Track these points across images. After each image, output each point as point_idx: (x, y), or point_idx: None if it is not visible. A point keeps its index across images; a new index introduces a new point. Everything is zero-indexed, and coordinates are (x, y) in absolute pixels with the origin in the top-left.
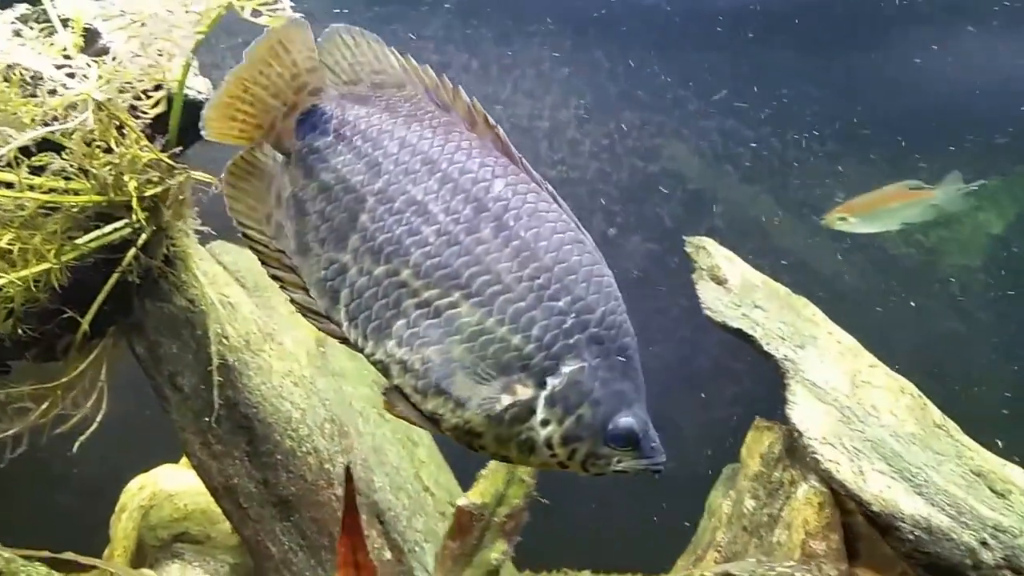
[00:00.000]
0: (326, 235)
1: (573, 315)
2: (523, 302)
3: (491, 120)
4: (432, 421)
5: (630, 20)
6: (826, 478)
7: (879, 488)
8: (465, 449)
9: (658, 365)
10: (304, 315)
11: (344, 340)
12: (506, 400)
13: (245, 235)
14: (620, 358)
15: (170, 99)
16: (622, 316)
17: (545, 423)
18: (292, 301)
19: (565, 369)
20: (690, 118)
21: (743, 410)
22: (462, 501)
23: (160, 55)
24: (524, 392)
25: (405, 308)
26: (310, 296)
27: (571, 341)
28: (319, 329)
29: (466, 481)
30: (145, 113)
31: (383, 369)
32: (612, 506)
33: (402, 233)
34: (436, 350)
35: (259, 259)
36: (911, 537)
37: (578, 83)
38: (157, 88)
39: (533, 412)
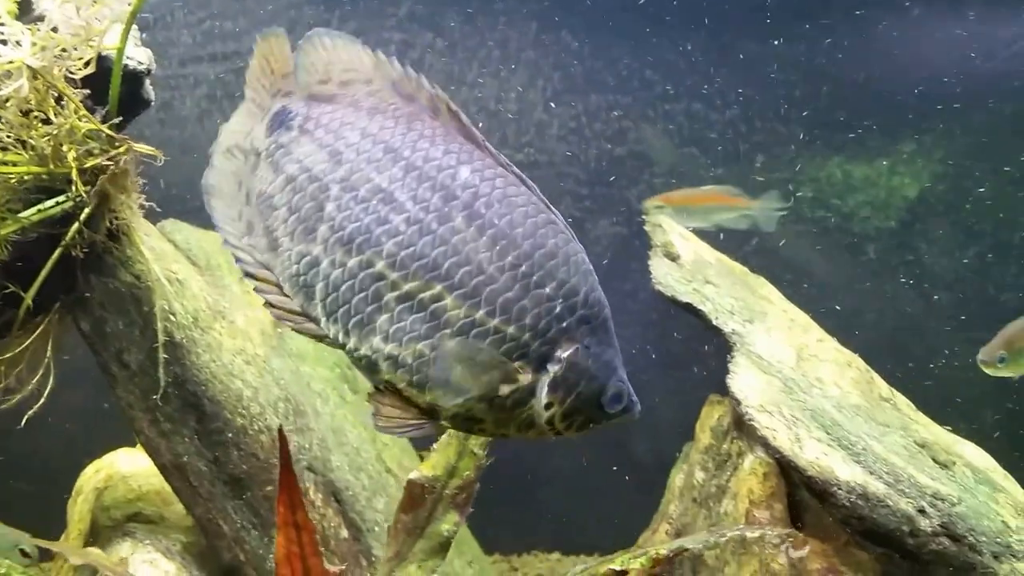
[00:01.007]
0: (294, 227)
1: (561, 300)
2: (510, 292)
3: (453, 106)
4: (429, 412)
5: (597, 0)
6: (763, 445)
7: (815, 455)
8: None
9: (628, 347)
10: (280, 318)
11: (323, 338)
12: (507, 388)
13: (218, 229)
14: (603, 330)
15: (109, 69)
16: (599, 290)
17: (548, 405)
18: (267, 304)
19: (562, 354)
20: (658, 100)
21: (712, 391)
22: (413, 474)
23: (97, 20)
24: (524, 378)
25: (386, 302)
26: (285, 295)
27: (564, 325)
28: (295, 330)
29: None
30: (73, 74)
31: (370, 364)
32: (582, 489)
33: (371, 222)
34: (428, 344)
35: (233, 256)
36: (847, 503)
37: (545, 65)
38: (77, 50)
39: (533, 394)
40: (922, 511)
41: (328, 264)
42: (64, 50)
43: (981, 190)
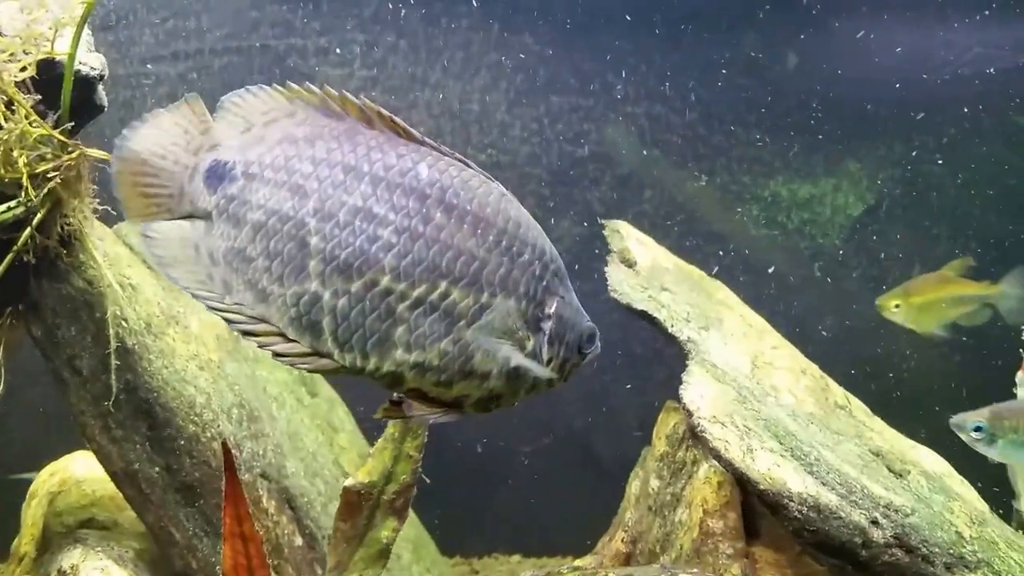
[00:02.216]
0: (280, 271)
1: (537, 261)
2: (501, 268)
3: (384, 112)
4: (454, 405)
5: (559, 4)
6: (715, 456)
7: (767, 466)
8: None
9: None
10: (294, 365)
11: (339, 370)
12: (518, 358)
13: (196, 297)
14: (566, 276)
15: (61, 74)
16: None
17: (548, 361)
18: (276, 355)
19: (550, 310)
20: (619, 103)
21: (675, 394)
22: (348, 481)
23: (42, 23)
24: (529, 343)
25: (400, 313)
26: (291, 340)
27: (545, 284)
28: (310, 371)
29: None
30: (16, 77)
31: (394, 378)
32: (543, 491)
33: (363, 243)
34: (450, 340)
35: (225, 320)
36: (798, 515)
37: (508, 67)
38: (29, 54)
39: (535, 355)
40: (875, 522)
41: (330, 296)
42: (12, 54)
43: (933, 194)
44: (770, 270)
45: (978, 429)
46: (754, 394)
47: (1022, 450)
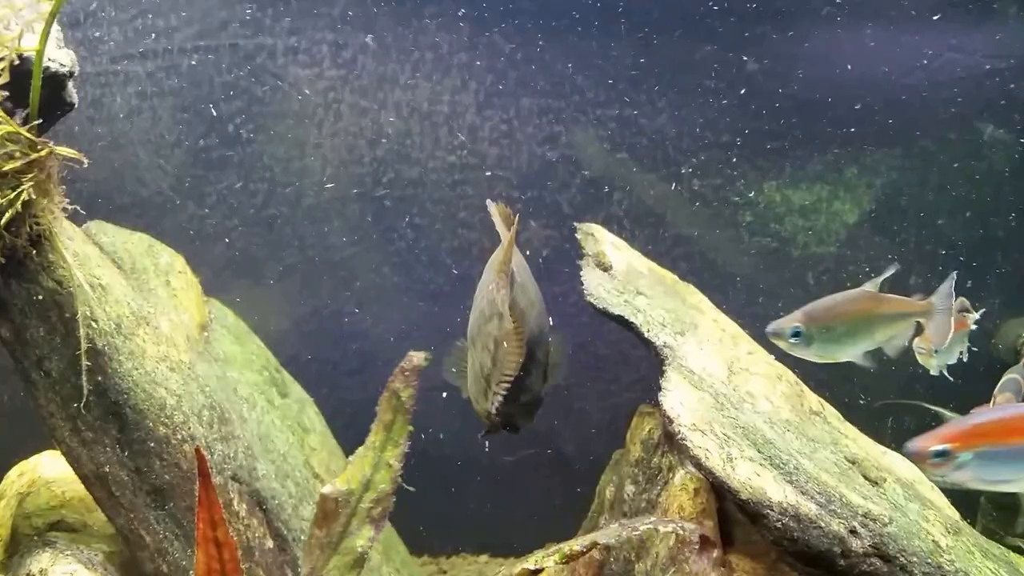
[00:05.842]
0: (532, 336)
1: None
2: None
3: (512, 218)
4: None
5: (529, 5)
6: (695, 465)
7: (747, 475)
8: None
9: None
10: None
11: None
12: None
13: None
14: None
15: (30, 71)
16: None
17: None
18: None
19: None
20: (589, 106)
21: (642, 396)
22: (326, 488)
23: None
24: None
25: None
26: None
27: None
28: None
29: None
30: None
31: (539, 405)
32: (513, 491)
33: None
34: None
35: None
36: (779, 525)
37: (478, 68)
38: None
39: None
40: (854, 531)
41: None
42: None
43: (921, 214)
44: (745, 273)
45: (796, 334)
46: (731, 401)
47: (834, 346)
